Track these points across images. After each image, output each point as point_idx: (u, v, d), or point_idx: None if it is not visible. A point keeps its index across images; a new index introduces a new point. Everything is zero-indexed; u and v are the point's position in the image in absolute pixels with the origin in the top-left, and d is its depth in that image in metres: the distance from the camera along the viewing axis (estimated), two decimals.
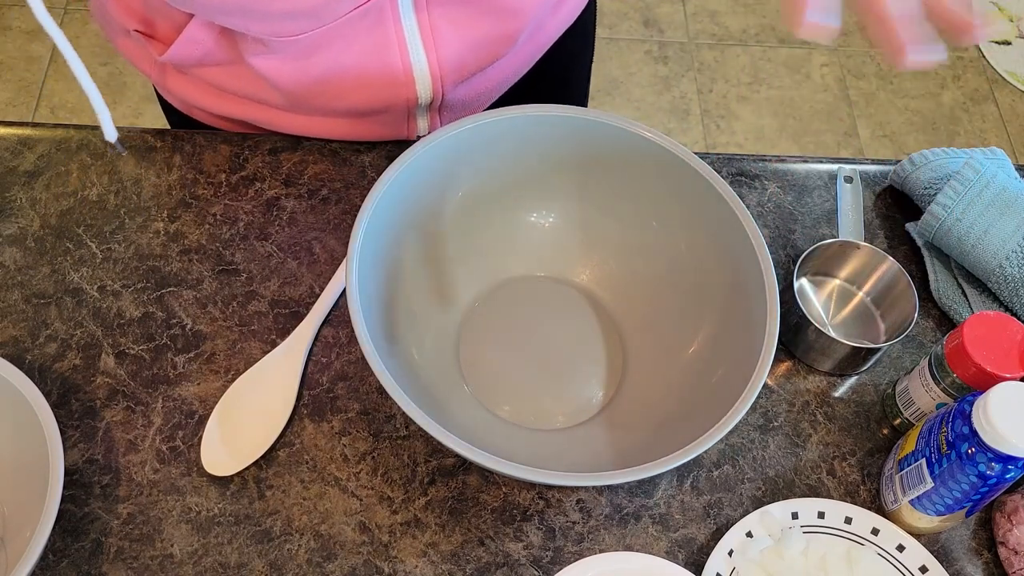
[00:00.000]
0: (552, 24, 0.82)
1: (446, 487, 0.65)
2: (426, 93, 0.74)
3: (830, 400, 0.72)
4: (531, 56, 0.82)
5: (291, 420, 0.67)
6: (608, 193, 0.71)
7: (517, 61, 0.81)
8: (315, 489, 0.65)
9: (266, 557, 0.62)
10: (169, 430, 0.66)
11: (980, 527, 0.67)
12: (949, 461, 0.59)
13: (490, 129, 0.67)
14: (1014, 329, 0.63)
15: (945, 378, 0.65)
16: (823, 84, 2.08)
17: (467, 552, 0.63)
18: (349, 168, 0.79)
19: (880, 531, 0.65)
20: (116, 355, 0.68)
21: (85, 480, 0.64)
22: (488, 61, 0.75)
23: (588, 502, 0.66)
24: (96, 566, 0.61)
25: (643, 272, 0.72)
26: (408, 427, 0.67)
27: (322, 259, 0.74)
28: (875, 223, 0.81)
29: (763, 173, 0.82)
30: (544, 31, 0.82)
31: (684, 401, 0.65)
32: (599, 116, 0.67)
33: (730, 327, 0.65)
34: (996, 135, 2.06)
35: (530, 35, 0.79)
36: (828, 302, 0.76)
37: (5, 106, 1.89)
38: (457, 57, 0.73)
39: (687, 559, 0.64)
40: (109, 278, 0.72)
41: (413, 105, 0.75)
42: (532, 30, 0.79)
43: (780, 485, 0.68)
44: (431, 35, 0.70)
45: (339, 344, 0.70)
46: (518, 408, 0.68)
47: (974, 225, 0.73)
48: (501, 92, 0.83)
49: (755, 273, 0.63)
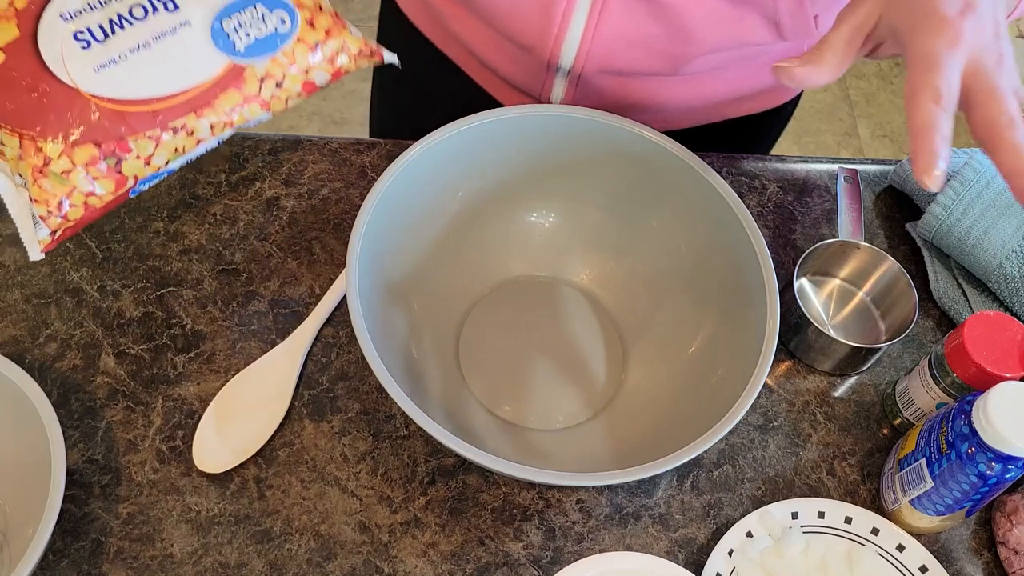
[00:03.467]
0: (740, 106, 0.82)
1: (446, 487, 0.65)
2: (571, 50, 0.72)
3: (830, 400, 0.72)
4: (696, 107, 0.81)
5: (291, 420, 0.67)
6: (608, 193, 0.71)
7: (677, 96, 0.78)
8: (315, 489, 0.65)
9: (266, 557, 0.62)
10: (169, 430, 0.66)
11: (980, 527, 0.67)
12: (949, 461, 0.59)
13: (490, 129, 0.67)
14: (1014, 329, 0.63)
15: (945, 378, 0.65)
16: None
17: (467, 552, 0.63)
18: (349, 168, 0.79)
19: (880, 531, 0.65)
20: (116, 355, 0.68)
21: (85, 480, 0.64)
22: (639, 65, 0.73)
23: (588, 502, 0.66)
24: (96, 566, 0.61)
25: (643, 272, 0.72)
26: (408, 427, 0.67)
27: (322, 259, 0.74)
28: (875, 223, 0.81)
29: (763, 173, 0.82)
30: (725, 109, 0.82)
31: (684, 401, 0.65)
32: (600, 116, 0.67)
33: (730, 327, 0.65)
34: None
35: (703, 86, 0.78)
36: (828, 302, 0.76)
37: None
38: (611, 37, 0.71)
39: (687, 559, 0.64)
40: (109, 278, 0.72)
41: (556, 55, 0.73)
42: (705, 87, 0.78)
43: (780, 485, 0.68)
44: (600, 3, 0.69)
45: (339, 344, 0.70)
46: (518, 408, 0.68)
47: (974, 225, 0.73)
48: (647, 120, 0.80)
49: (755, 273, 0.63)
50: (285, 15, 0.60)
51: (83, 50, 0.59)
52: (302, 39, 0.61)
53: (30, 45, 0.59)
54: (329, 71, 0.63)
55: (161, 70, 0.59)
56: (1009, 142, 0.46)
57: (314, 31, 0.62)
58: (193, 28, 0.60)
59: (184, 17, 0.60)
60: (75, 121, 0.58)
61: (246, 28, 0.60)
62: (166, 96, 0.59)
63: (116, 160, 0.59)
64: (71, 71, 0.59)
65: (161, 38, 0.59)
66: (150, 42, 0.59)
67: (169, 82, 0.59)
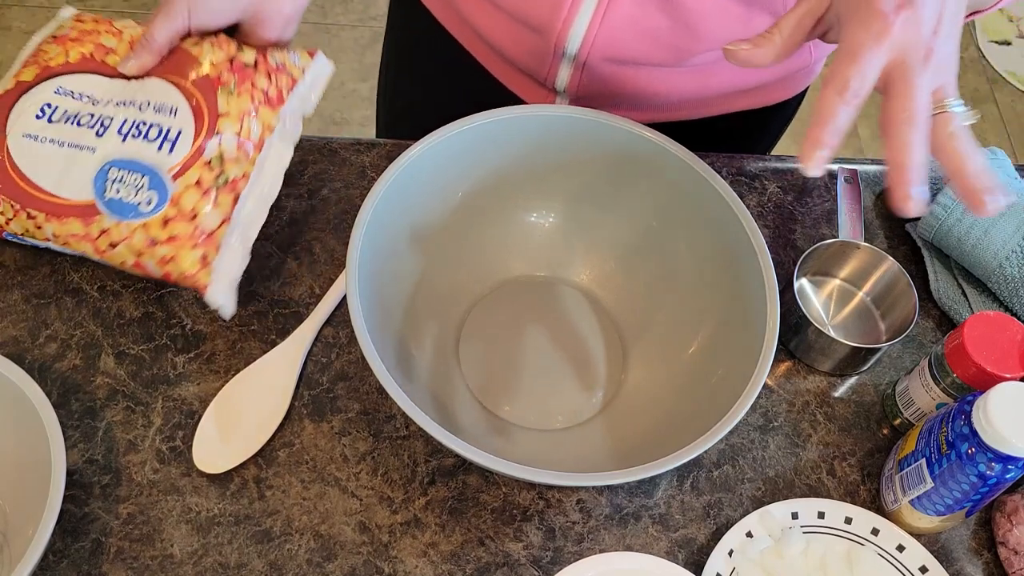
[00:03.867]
0: (741, 101, 0.82)
1: (446, 487, 0.65)
2: (578, 35, 0.72)
3: (830, 400, 0.72)
4: (698, 99, 0.81)
5: (291, 420, 0.67)
6: (608, 193, 0.71)
7: (680, 87, 0.79)
8: (315, 489, 0.65)
9: (266, 557, 0.62)
10: (169, 430, 0.66)
11: (980, 527, 0.67)
12: (949, 461, 0.59)
13: (490, 129, 0.67)
14: (1014, 329, 0.63)
15: (945, 378, 0.65)
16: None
17: (467, 552, 0.63)
18: (349, 168, 0.79)
19: (880, 531, 0.65)
20: (116, 355, 0.68)
21: (85, 480, 0.64)
22: (644, 55, 0.73)
23: (588, 502, 0.66)
24: (96, 566, 0.61)
25: (643, 272, 0.72)
26: (408, 427, 0.67)
27: (322, 259, 0.74)
28: (875, 223, 0.81)
29: (763, 173, 0.82)
30: (727, 103, 0.82)
31: (684, 401, 0.65)
32: (599, 116, 0.67)
33: (730, 327, 0.65)
34: (996, 135, 2.06)
35: (706, 78, 0.78)
36: (828, 302, 0.76)
37: None
38: (618, 26, 0.71)
39: (687, 559, 0.64)
40: (109, 278, 0.72)
41: (563, 40, 0.73)
42: (710, 79, 0.78)
43: (780, 485, 0.68)
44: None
45: (339, 344, 0.70)
46: (518, 408, 0.68)
47: (974, 225, 0.73)
48: (650, 109, 0.81)
49: (755, 273, 0.63)
50: (155, 200, 0.64)
51: (36, 119, 0.67)
52: (148, 228, 0.65)
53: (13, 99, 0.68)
54: (158, 271, 0.66)
55: (52, 168, 0.66)
56: (901, 137, 0.47)
57: (163, 230, 0.65)
58: (92, 157, 0.66)
59: (95, 145, 0.66)
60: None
61: (120, 185, 0.65)
62: (39, 186, 0.66)
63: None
64: (11, 130, 0.67)
65: (72, 147, 0.66)
66: (65, 144, 0.66)
67: (48, 179, 0.66)
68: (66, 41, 0.71)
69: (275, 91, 0.69)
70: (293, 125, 0.70)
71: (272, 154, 0.68)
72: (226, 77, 0.67)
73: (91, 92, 0.68)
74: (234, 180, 0.66)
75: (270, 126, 0.68)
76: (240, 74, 0.68)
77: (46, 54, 0.71)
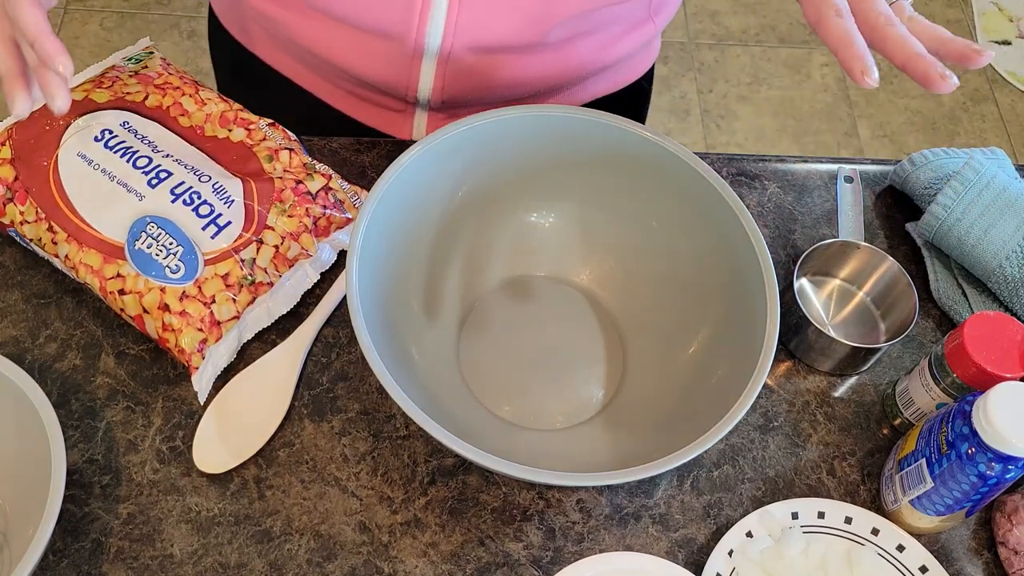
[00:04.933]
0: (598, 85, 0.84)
1: (446, 487, 0.65)
2: (438, 25, 0.72)
3: (830, 400, 0.72)
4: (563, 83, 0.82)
5: (291, 420, 0.67)
6: (608, 193, 0.71)
7: (544, 71, 0.79)
8: (315, 489, 0.65)
9: (266, 557, 0.62)
10: (169, 430, 0.66)
11: (980, 527, 0.67)
12: (949, 461, 0.59)
13: (490, 129, 0.67)
14: (1014, 329, 0.63)
15: (945, 378, 0.65)
16: (823, 84, 2.08)
17: (467, 552, 0.63)
18: (349, 168, 0.79)
19: (880, 531, 0.65)
20: (116, 355, 0.68)
21: (85, 480, 0.64)
22: (506, 32, 0.73)
23: (588, 502, 0.66)
24: (96, 566, 0.61)
25: (643, 272, 0.72)
26: (408, 427, 0.67)
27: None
28: (875, 223, 0.81)
29: (763, 173, 0.82)
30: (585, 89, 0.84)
31: (684, 401, 0.65)
32: (599, 116, 0.67)
33: (730, 327, 0.65)
34: (996, 135, 2.06)
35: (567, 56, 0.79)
36: (828, 302, 0.76)
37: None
38: (477, 2, 0.70)
39: (687, 559, 0.64)
40: None
41: (422, 36, 0.73)
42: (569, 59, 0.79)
43: (780, 485, 0.68)
44: None
45: (339, 344, 0.70)
46: (518, 408, 0.68)
47: (974, 225, 0.73)
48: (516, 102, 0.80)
49: (755, 273, 0.63)
50: (183, 272, 0.65)
51: (95, 141, 0.68)
52: (166, 293, 0.65)
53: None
54: (155, 334, 0.66)
55: (94, 195, 0.67)
56: (893, 37, 0.52)
57: (179, 302, 0.65)
58: (137, 203, 0.66)
59: (144, 192, 0.67)
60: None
61: (153, 241, 0.65)
62: (74, 207, 0.66)
63: (12, 193, 0.68)
64: (66, 142, 0.68)
65: (120, 184, 0.67)
66: (115, 178, 0.67)
67: (85, 205, 0.66)
68: (149, 84, 0.72)
69: (324, 223, 0.71)
70: (329, 256, 0.72)
71: (299, 275, 0.70)
72: (286, 195, 0.69)
73: (156, 140, 0.69)
74: (258, 284, 0.67)
75: (308, 253, 0.70)
76: (300, 199, 0.70)
77: (125, 86, 0.71)
